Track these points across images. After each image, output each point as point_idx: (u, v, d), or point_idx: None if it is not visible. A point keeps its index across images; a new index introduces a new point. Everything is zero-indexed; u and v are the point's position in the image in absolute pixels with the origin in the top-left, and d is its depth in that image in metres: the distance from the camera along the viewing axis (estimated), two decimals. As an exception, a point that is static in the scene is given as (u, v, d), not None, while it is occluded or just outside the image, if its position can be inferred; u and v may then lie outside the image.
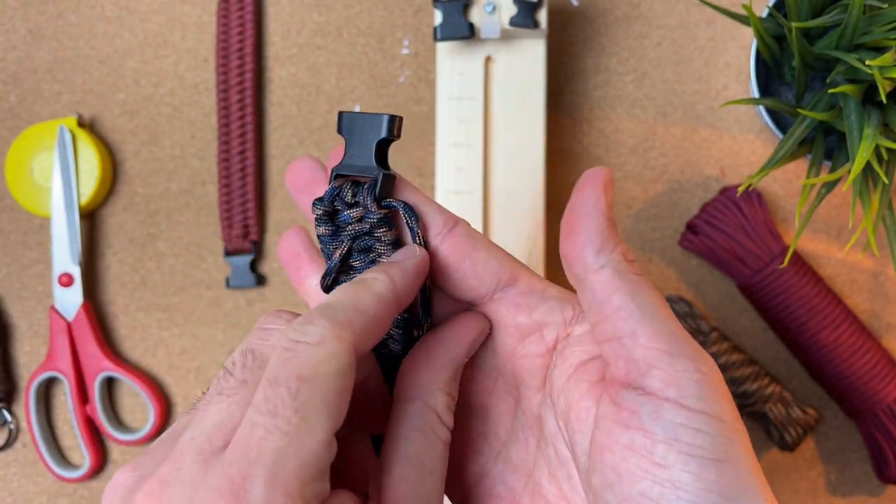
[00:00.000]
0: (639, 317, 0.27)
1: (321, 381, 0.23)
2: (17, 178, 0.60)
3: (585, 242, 0.28)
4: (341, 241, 0.29)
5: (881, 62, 0.41)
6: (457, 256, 0.29)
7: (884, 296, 0.58)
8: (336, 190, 0.29)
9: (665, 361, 0.26)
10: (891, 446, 0.55)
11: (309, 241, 0.34)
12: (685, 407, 0.26)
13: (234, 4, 0.60)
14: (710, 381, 0.26)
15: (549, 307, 0.30)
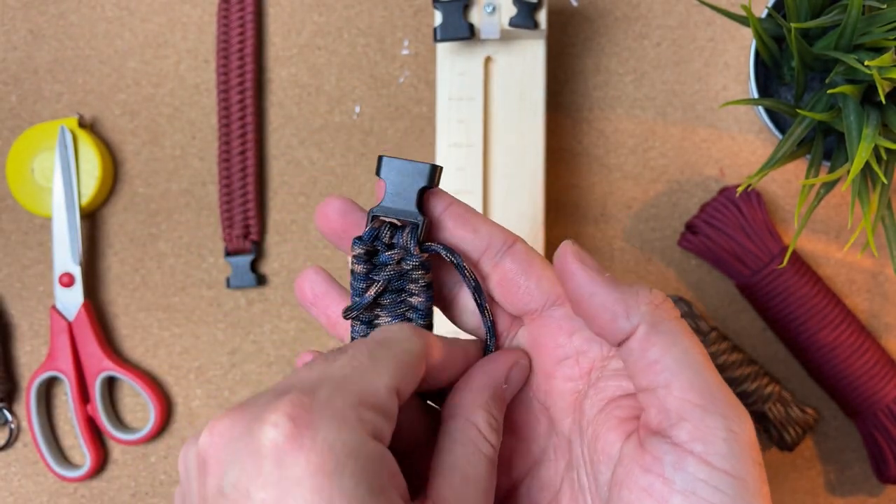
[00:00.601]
0: (674, 368, 0.27)
1: (395, 348, 0.28)
2: (18, 178, 0.60)
3: (612, 318, 0.28)
4: (375, 281, 0.31)
5: (880, 62, 0.42)
6: (514, 273, 0.31)
7: (883, 296, 0.58)
8: (375, 231, 0.31)
9: (696, 415, 0.26)
10: (890, 446, 0.55)
11: (331, 278, 0.34)
12: (709, 463, 0.26)
13: (234, 5, 0.60)
14: (740, 441, 0.26)
15: (589, 335, 0.30)
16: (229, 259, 0.60)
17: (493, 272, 0.31)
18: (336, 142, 0.60)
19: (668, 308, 0.28)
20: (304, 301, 0.34)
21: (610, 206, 0.59)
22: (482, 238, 0.31)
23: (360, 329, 0.32)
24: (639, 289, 0.28)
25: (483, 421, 0.29)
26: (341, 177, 0.60)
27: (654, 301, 0.28)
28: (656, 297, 0.28)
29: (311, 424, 0.24)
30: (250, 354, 0.60)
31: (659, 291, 0.29)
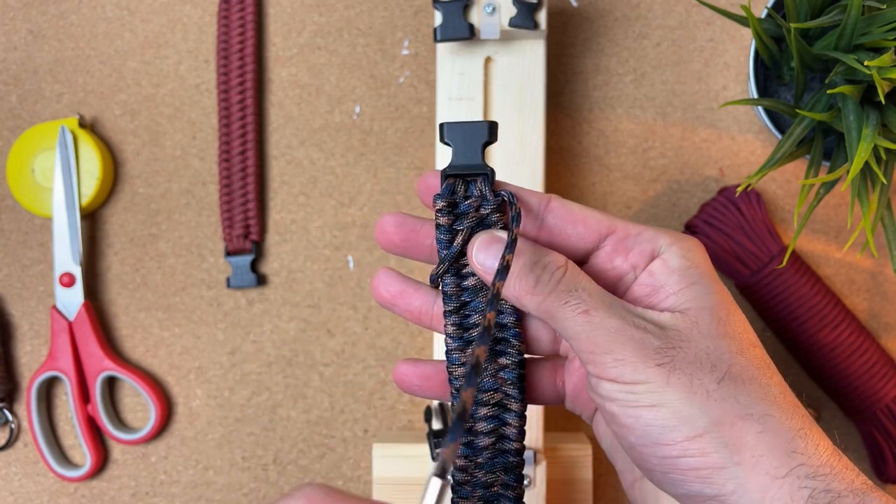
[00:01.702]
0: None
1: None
2: (18, 178, 0.60)
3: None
4: (459, 230, 0.34)
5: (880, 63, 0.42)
6: (559, 224, 0.34)
7: (882, 295, 0.58)
8: (451, 186, 0.34)
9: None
10: (890, 446, 0.55)
11: (402, 275, 0.36)
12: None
13: (234, 5, 0.60)
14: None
15: (641, 249, 0.33)
16: (229, 259, 0.60)
17: (541, 231, 0.34)
18: (336, 142, 0.60)
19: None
20: (383, 302, 0.36)
21: (610, 206, 0.59)
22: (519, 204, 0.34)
23: (452, 282, 0.34)
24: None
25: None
26: (341, 177, 0.60)
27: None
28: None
29: None
30: (250, 354, 0.60)
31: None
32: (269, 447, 0.60)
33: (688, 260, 0.33)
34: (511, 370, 0.34)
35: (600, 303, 0.31)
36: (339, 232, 0.60)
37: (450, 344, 0.34)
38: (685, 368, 0.30)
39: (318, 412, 0.60)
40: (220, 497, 0.60)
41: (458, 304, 0.34)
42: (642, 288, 0.33)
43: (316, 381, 0.60)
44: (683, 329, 0.31)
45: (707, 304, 0.32)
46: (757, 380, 0.30)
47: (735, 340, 0.31)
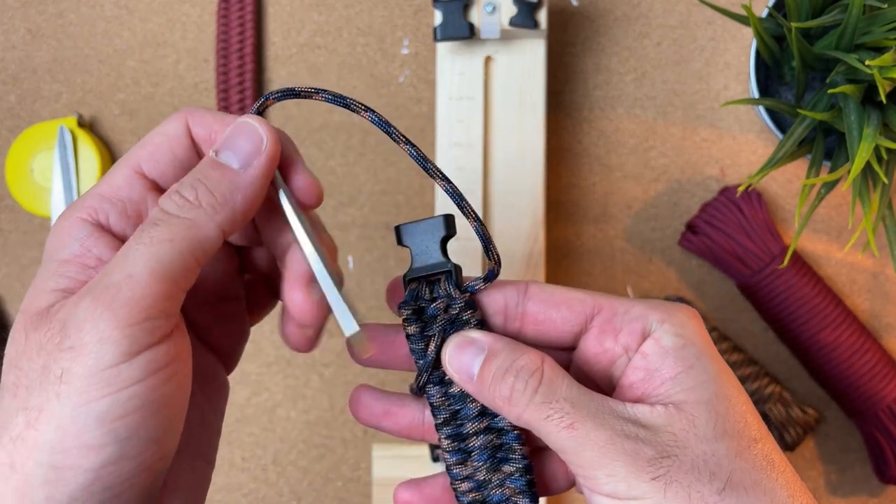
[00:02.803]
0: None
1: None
2: (17, 178, 0.60)
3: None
4: (430, 336, 0.32)
5: (881, 62, 0.42)
6: (542, 310, 0.32)
7: (884, 296, 0.58)
8: (415, 291, 0.33)
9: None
10: (891, 446, 0.55)
11: (383, 392, 0.34)
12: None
13: (234, 4, 0.60)
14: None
15: (631, 328, 0.31)
16: (229, 259, 0.60)
17: (524, 321, 0.32)
18: (336, 142, 0.60)
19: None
20: (367, 425, 0.34)
21: (610, 205, 0.59)
22: (495, 298, 0.32)
23: (437, 391, 0.32)
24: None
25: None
26: (341, 177, 0.60)
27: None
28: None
29: None
30: (250, 354, 0.60)
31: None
32: (269, 447, 0.60)
33: (682, 338, 0.30)
34: (518, 478, 0.32)
35: (585, 413, 0.29)
36: (339, 232, 0.60)
37: (448, 458, 0.32)
38: (682, 480, 0.28)
39: (317, 412, 0.60)
40: (220, 497, 0.60)
41: (449, 414, 0.32)
42: (637, 372, 0.30)
43: (316, 382, 0.60)
44: (679, 431, 0.29)
45: (704, 398, 0.29)
46: (761, 485, 0.28)
47: (735, 440, 0.29)
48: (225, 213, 0.29)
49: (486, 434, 0.32)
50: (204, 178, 0.29)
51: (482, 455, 0.32)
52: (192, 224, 0.28)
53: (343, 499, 0.60)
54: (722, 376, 0.30)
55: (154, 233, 0.28)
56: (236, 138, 0.30)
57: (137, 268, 0.27)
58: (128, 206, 0.30)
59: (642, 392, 0.30)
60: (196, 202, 0.28)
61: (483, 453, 0.32)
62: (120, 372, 0.26)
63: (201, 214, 0.28)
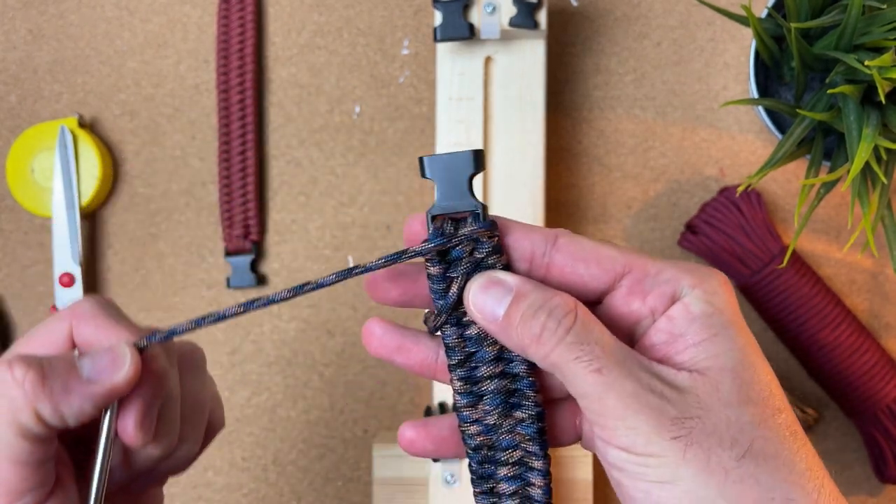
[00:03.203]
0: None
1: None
2: (18, 178, 0.60)
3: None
4: (454, 278, 0.31)
5: (880, 62, 0.42)
6: (570, 262, 0.31)
7: (883, 295, 0.58)
8: (439, 230, 0.31)
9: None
10: (890, 446, 0.55)
11: (395, 326, 0.33)
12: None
13: (234, 5, 0.60)
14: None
15: (661, 291, 0.30)
16: (229, 259, 0.60)
17: (549, 272, 0.31)
18: (336, 142, 0.60)
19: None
20: (379, 356, 0.33)
21: (610, 206, 0.59)
22: (522, 244, 0.31)
23: (453, 332, 0.31)
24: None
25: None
26: (341, 177, 0.60)
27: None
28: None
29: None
30: (250, 354, 0.60)
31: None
32: (269, 447, 0.60)
33: (711, 305, 0.30)
34: (529, 424, 0.31)
35: (615, 360, 0.28)
36: (339, 232, 0.60)
37: (459, 401, 0.32)
38: (703, 443, 0.27)
39: (317, 412, 0.60)
40: (220, 497, 0.60)
41: (463, 356, 0.32)
42: (660, 334, 0.30)
43: (316, 382, 0.60)
44: (703, 395, 0.28)
45: (729, 365, 0.29)
46: (781, 455, 0.28)
47: (759, 407, 0.29)
48: (46, 404, 0.29)
49: (501, 379, 0.31)
50: (46, 363, 0.30)
51: (495, 399, 0.31)
52: (11, 407, 0.29)
53: (343, 499, 0.60)
54: (748, 346, 0.30)
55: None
56: (105, 356, 0.30)
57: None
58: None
59: (663, 354, 0.30)
60: (18, 382, 0.29)
61: (496, 397, 0.31)
62: None
63: (20, 398, 0.29)
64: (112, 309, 0.33)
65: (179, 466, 0.35)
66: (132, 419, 0.31)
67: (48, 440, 0.30)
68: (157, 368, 0.32)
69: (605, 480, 0.59)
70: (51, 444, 0.30)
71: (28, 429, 0.29)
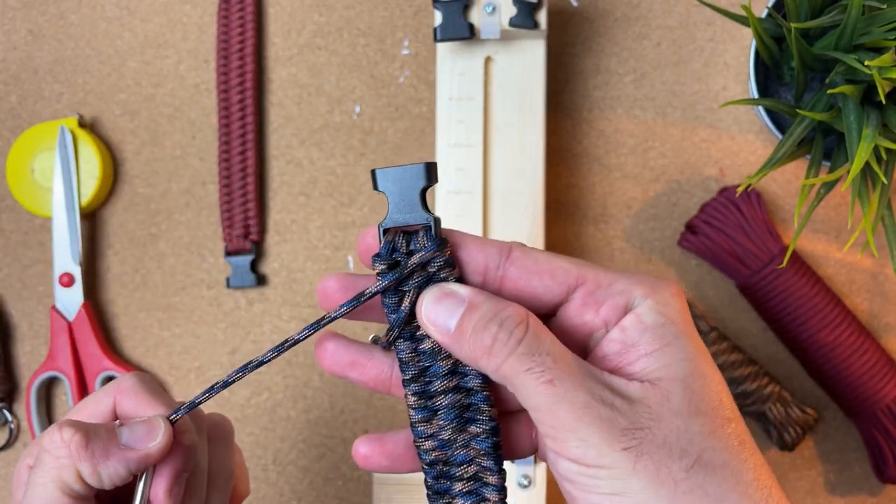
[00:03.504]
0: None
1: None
2: (18, 178, 0.60)
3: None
4: (406, 291, 0.31)
5: (880, 63, 0.42)
6: (523, 277, 0.31)
7: (883, 296, 0.58)
8: (391, 243, 0.31)
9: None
10: (890, 446, 0.55)
11: (351, 342, 0.33)
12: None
13: (234, 5, 0.60)
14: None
15: (613, 302, 0.30)
16: (229, 259, 0.60)
17: (503, 285, 0.31)
18: (336, 142, 0.60)
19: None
20: (333, 374, 0.34)
21: (610, 206, 0.59)
22: (475, 257, 0.31)
23: (407, 347, 0.31)
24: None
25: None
26: (341, 177, 0.60)
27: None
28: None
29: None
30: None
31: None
32: (269, 447, 0.60)
33: (663, 316, 0.30)
34: (484, 439, 0.31)
35: (567, 371, 0.28)
36: (339, 232, 0.60)
37: (413, 416, 0.32)
38: (653, 454, 0.27)
39: (317, 412, 0.60)
40: (220, 497, 0.60)
41: (417, 370, 0.31)
42: (612, 344, 0.30)
43: (316, 381, 0.60)
44: (653, 405, 0.28)
45: (680, 375, 0.29)
46: (729, 465, 0.28)
47: (709, 418, 0.29)
48: (87, 465, 0.33)
49: (455, 393, 0.31)
50: (91, 428, 0.33)
51: (449, 414, 0.31)
52: (57, 465, 0.33)
53: (343, 498, 0.60)
54: (699, 356, 0.30)
55: (35, 477, 0.33)
56: (141, 426, 0.34)
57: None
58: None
59: (615, 365, 0.30)
60: (66, 443, 0.33)
61: (450, 412, 0.31)
62: None
63: (66, 457, 0.33)
64: (152, 384, 0.37)
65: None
66: (163, 486, 0.34)
67: (85, 500, 0.33)
68: (188, 440, 0.35)
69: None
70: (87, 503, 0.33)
71: (69, 486, 0.32)
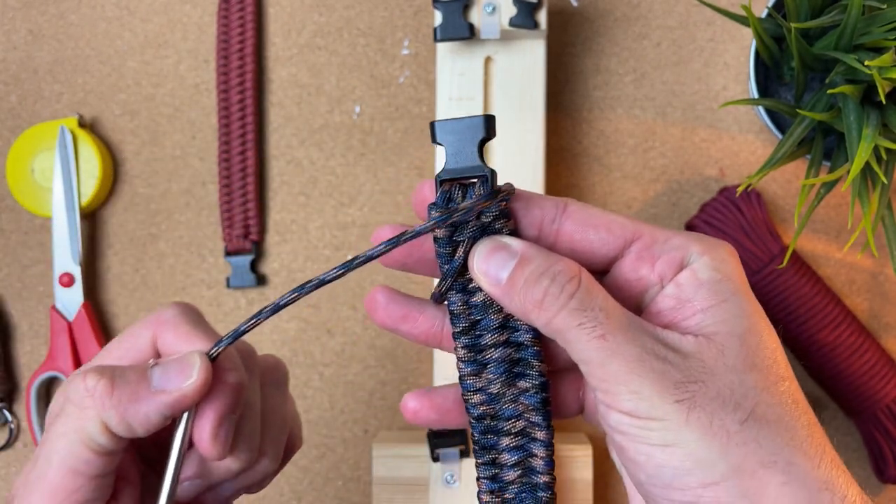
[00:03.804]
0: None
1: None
2: (18, 178, 0.60)
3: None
4: (460, 241, 0.31)
5: (880, 62, 0.42)
6: (579, 230, 0.31)
7: (883, 296, 0.58)
8: (447, 193, 0.30)
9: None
10: (890, 446, 0.55)
11: (402, 295, 0.33)
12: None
13: (234, 5, 0.60)
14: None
15: (669, 258, 0.30)
16: (229, 259, 0.60)
17: (558, 238, 0.31)
18: (336, 142, 0.60)
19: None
20: (384, 327, 0.33)
21: (610, 205, 0.59)
22: (531, 211, 0.31)
23: (458, 299, 0.31)
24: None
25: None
26: (341, 177, 0.60)
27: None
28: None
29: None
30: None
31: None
32: (269, 447, 0.60)
33: (719, 272, 0.30)
34: (533, 394, 0.31)
35: (618, 326, 0.28)
36: (339, 232, 0.60)
37: (462, 369, 0.31)
38: (706, 406, 0.27)
39: (318, 412, 0.60)
40: (220, 497, 0.60)
41: (468, 323, 0.31)
42: (667, 300, 0.30)
43: (316, 381, 0.60)
44: (708, 359, 0.28)
45: (737, 331, 0.29)
46: (783, 421, 0.28)
47: (763, 374, 0.29)
48: (112, 413, 0.30)
49: (505, 347, 0.31)
50: (118, 373, 0.30)
51: (498, 368, 0.31)
52: (81, 416, 0.30)
53: (343, 498, 0.60)
54: (755, 314, 0.30)
55: (57, 427, 0.30)
56: (174, 364, 0.31)
57: (47, 468, 0.30)
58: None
59: (670, 320, 0.30)
60: (90, 391, 0.30)
61: (500, 366, 0.31)
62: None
63: (90, 407, 0.30)
64: (195, 315, 0.33)
65: (257, 483, 0.35)
66: (207, 429, 0.31)
67: (112, 453, 0.30)
68: (234, 378, 0.32)
69: (604, 480, 0.59)
70: (113, 457, 0.31)
71: (93, 439, 0.30)
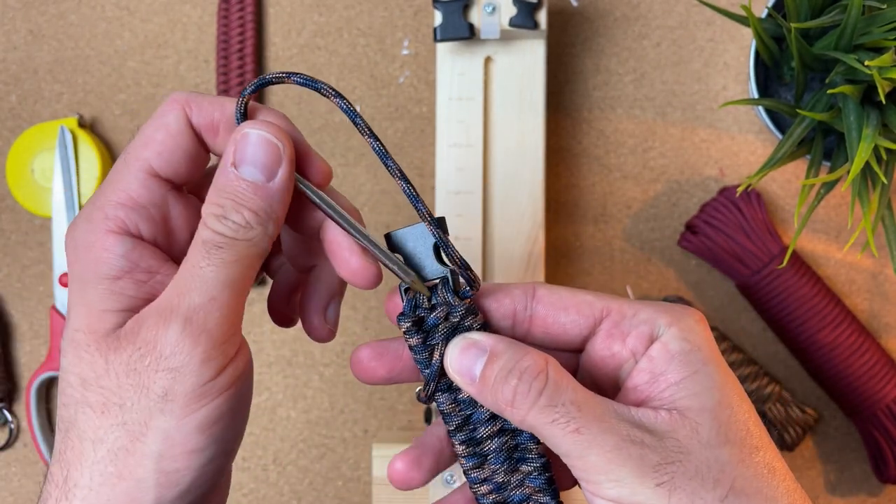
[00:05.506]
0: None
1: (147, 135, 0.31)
2: (18, 178, 0.60)
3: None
4: (434, 345, 0.31)
5: (880, 63, 0.42)
6: (551, 312, 0.32)
7: (883, 296, 0.58)
8: (412, 301, 0.32)
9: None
10: (890, 446, 0.55)
11: (379, 347, 0.33)
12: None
13: (234, 5, 0.60)
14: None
15: (639, 332, 0.31)
16: (229, 259, 0.60)
17: (532, 325, 0.32)
18: (336, 142, 0.60)
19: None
20: (376, 383, 0.34)
21: (610, 206, 0.59)
22: (503, 302, 0.32)
23: (446, 399, 0.32)
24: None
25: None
26: (341, 177, 0.60)
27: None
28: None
29: (70, 229, 0.31)
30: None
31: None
32: (269, 447, 0.60)
33: (689, 342, 0.30)
34: (537, 476, 0.32)
35: (592, 417, 0.29)
36: (338, 232, 0.60)
37: (465, 463, 0.32)
38: (686, 486, 0.28)
39: (317, 412, 0.60)
40: (220, 497, 0.60)
41: (461, 420, 0.32)
42: (642, 374, 0.31)
43: (316, 381, 0.60)
44: (683, 438, 0.29)
45: (708, 405, 0.29)
46: (763, 492, 0.29)
47: (738, 447, 0.29)
48: (272, 226, 0.30)
49: (501, 436, 0.32)
50: (244, 201, 0.30)
51: (499, 457, 0.32)
52: (251, 244, 0.30)
53: (343, 498, 0.60)
54: (727, 384, 0.30)
55: (223, 255, 0.29)
56: (255, 152, 0.30)
57: (217, 290, 0.29)
58: (152, 212, 0.31)
59: (646, 395, 0.30)
60: (247, 224, 0.30)
61: (499, 455, 0.32)
62: (215, 384, 0.29)
63: (257, 234, 0.30)
64: (195, 92, 0.33)
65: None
66: (314, 164, 0.32)
67: (166, 184, 0.31)
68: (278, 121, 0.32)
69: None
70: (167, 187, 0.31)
71: (265, 254, 0.30)
